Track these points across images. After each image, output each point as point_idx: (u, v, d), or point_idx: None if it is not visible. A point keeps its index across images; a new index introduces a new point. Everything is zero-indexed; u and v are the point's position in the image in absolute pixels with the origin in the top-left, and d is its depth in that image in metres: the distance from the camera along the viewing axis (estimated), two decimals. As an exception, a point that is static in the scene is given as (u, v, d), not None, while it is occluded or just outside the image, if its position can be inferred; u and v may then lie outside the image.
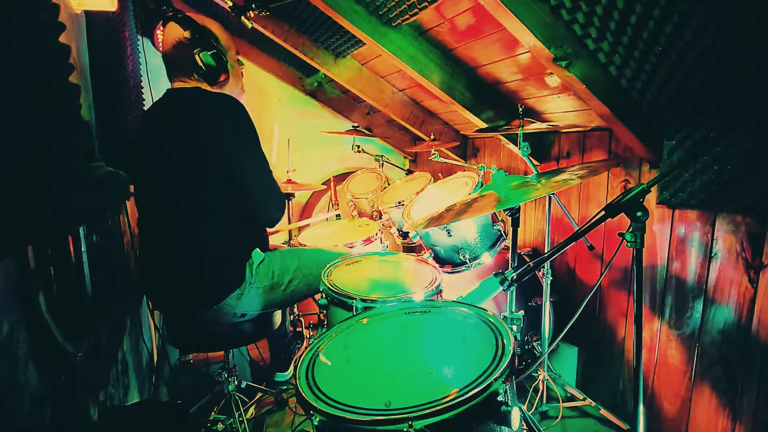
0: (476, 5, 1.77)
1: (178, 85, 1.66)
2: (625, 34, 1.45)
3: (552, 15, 1.48)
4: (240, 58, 1.79)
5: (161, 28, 2.57)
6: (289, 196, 2.75)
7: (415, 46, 2.21)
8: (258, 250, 1.71)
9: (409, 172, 3.29)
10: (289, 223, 2.88)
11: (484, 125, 2.51)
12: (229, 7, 1.86)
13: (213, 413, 2.09)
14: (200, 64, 1.60)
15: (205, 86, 1.65)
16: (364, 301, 1.37)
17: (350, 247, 2.19)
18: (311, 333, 2.58)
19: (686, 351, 1.82)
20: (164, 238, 1.62)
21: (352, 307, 1.38)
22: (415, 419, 0.77)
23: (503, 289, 1.07)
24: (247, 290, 1.65)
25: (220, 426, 1.89)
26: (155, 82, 2.42)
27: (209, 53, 1.60)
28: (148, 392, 2.24)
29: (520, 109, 1.92)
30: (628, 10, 1.36)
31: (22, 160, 0.74)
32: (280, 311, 1.91)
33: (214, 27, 1.66)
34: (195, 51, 1.58)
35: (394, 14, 2.00)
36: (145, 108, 2.25)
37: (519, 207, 1.55)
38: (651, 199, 1.87)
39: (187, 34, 1.58)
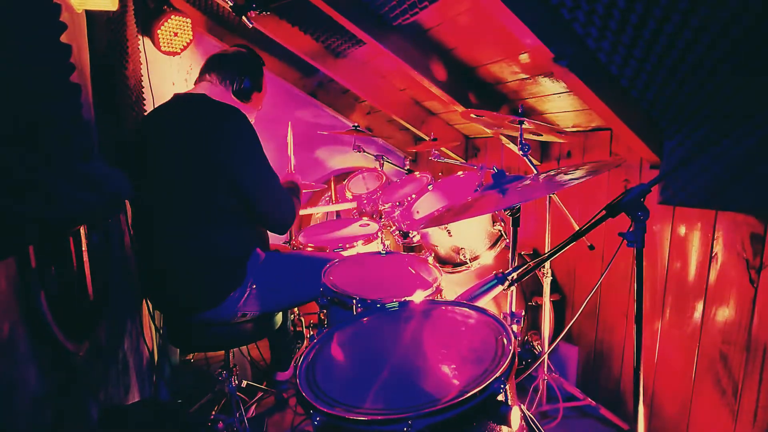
0: (476, 5, 1.77)
1: (200, 85, 1.72)
2: (625, 33, 1.45)
3: (552, 14, 1.48)
4: None
5: (163, 25, 2.57)
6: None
7: (416, 45, 2.20)
8: (258, 251, 1.71)
9: (410, 171, 3.29)
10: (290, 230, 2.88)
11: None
12: (230, 6, 1.86)
13: (213, 413, 2.10)
14: (240, 79, 1.73)
15: (225, 95, 1.71)
16: (364, 301, 1.37)
17: (350, 247, 2.19)
18: (311, 332, 2.58)
19: (686, 351, 1.82)
20: (163, 239, 1.62)
21: (352, 307, 1.38)
22: (415, 419, 0.77)
23: (503, 289, 1.07)
24: (248, 291, 1.65)
25: (220, 426, 1.89)
26: (156, 82, 2.42)
27: (255, 77, 1.77)
28: (149, 392, 2.24)
29: (520, 108, 1.91)
30: (629, 10, 1.36)
31: (23, 159, 0.74)
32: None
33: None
34: (245, 68, 1.74)
35: (394, 14, 2.00)
36: (146, 108, 2.25)
37: (519, 207, 1.55)
38: (651, 199, 1.87)
39: (249, 55, 1.78)
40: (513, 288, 1.38)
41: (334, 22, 2.23)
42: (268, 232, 1.87)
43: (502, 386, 0.85)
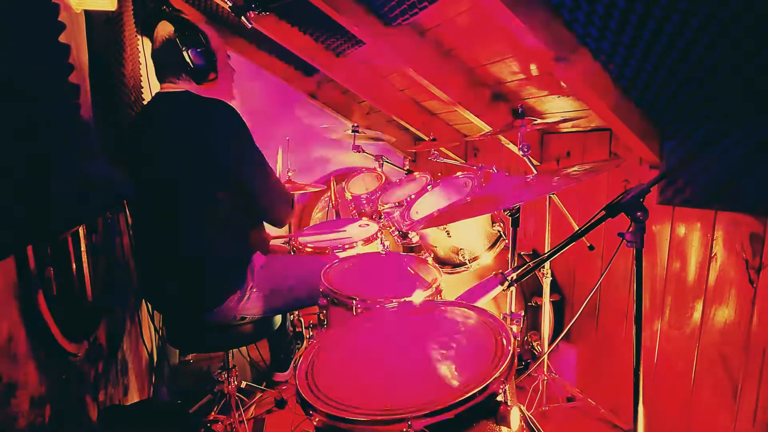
0: (476, 5, 1.77)
1: (167, 86, 1.63)
2: (625, 33, 1.45)
3: (553, 14, 1.48)
4: (229, 53, 1.77)
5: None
6: (289, 196, 2.75)
7: (415, 46, 2.20)
8: (259, 254, 1.71)
9: (409, 172, 3.28)
10: (290, 224, 2.88)
11: (483, 124, 2.51)
12: (229, 7, 1.86)
13: (213, 413, 2.09)
14: (188, 61, 1.57)
15: (194, 87, 1.63)
16: (364, 301, 1.37)
17: (350, 248, 2.19)
18: (311, 333, 2.58)
19: (686, 351, 1.82)
20: (162, 242, 1.62)
21: (352, 307, 1.38)
22: (415, 419, 0.77)
23: (503, 289, 1.07)
24: (248, 294, 1.65)
25: (219, 426, 1.89)
26: (155, 82, 2.42)
27: (198, 50, 1.57)
28: (148, 392, 2.24)
29: (520, 108, 1.91)
30: (629, 10, 1.36)
31: (22, 160, 0.74)
32: (280, 312, 1.91)
33: (204, 26, 1.64)
34: (183, 48, 1.55)
35: (394, 14, 2.00)
36: (145, 108, 2.25)
37: (519, 207, 1.55)
38: (651, 199, 1.87)
39: (174, 31, 1.56)
40: (513, 288, 1.38)
41: (334, 22, 2.23)
42: (268, 224, 1.85)
43: (502, 386, 0.85)
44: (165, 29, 1.58)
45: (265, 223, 1.82)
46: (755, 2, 1.15)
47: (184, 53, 1.56)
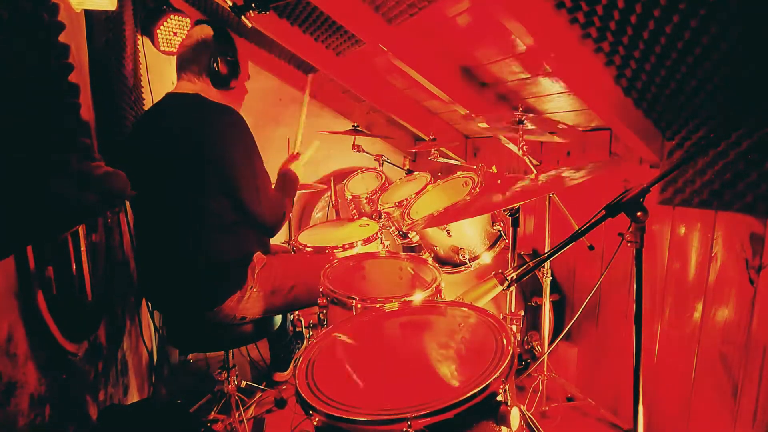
0: (476, 5, 1.77)
1: (183, 84, 1.68)
2: (625, 34, 1.45)
3: (552, 15, 1.48)
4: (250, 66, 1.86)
5: (162, 25, 2.57)
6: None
7: (415, 45, 2.20)
8: (260, 253, 1.71)
9: (409, 171, 3.27)
10: (289, 224, 2.88)
11: (484, 125, 2.51)
12: (229, 6, 1.86)
13: (213, 413, 2.09)
14: (216, 67, 1.66)
15: (211, 91, 1.67)
16: (364, 301, 1.37)
17: (350, 248, 2.19)
18: (311, 333, 2.57)
19: (686, 351, 1.82)
20: (163, 242, 1.62)
21: (351, 307, 1.38)
22: (414, 419, 0.77)
23: (503, 289, 1.07)
24: (248, 294, 1.65)
25: (219, 426, 1.89)
26: (155, 82, 2.42)
27: (227, 59, 1.68)
28: (148, 392, 2.24)
29: (520, 108, 1.91)
30: (629, 11, 1.36)
31: (22, 159, 0.74)
32: (280, 311, 1.91)
33: (238, 44, 1.75)
34: (217, 53, 1.66)
35: (394, 13, 2.00)
36: (145, 108, 2.25)
37: (519, 207, 1.55)
38: (651, 199, 1.87)
39: (212, 35, 1.67)
40: (512, 288, 1.38)
41: (334, 21, 2.23)
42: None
43: (502, 386, 0.85)
44: (203, 31, 1.68)
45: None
46: (754, 4, 1.15)
47: (215, 58, 1.66)
